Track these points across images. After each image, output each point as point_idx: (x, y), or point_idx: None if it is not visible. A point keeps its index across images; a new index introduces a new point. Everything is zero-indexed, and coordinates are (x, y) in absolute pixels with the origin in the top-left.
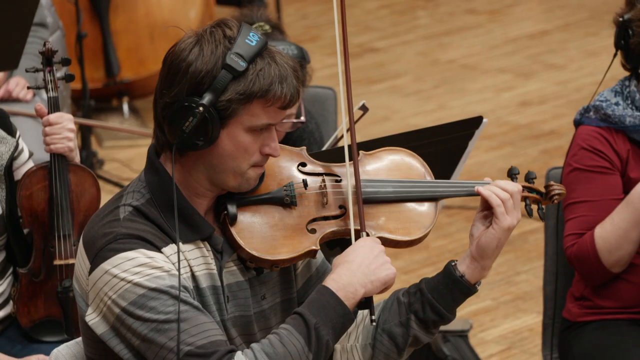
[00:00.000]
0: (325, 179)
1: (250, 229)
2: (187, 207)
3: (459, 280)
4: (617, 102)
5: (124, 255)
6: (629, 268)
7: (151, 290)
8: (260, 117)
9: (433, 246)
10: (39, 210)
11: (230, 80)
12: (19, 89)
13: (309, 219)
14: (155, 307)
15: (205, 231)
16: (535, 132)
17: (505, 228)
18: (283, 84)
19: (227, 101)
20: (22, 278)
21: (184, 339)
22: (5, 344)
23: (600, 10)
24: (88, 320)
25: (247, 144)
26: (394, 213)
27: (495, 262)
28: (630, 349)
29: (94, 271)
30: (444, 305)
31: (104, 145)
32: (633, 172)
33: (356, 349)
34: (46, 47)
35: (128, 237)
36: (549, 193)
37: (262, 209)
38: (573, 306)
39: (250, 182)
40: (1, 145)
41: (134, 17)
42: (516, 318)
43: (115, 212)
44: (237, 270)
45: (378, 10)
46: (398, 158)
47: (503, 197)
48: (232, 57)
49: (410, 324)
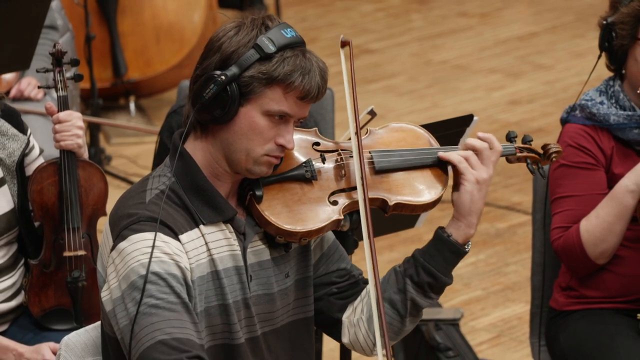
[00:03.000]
0: (341, 154)
1: (277, 206)
2: (210, 189)
3: (447, 240)
4: (602, 101)
5: (141, 235)
6: (613, 260)
7: (152, 273)
8: (279, 102)
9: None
10: (49, 204)
11: (257, 60)
12: (30, 88)
13: (330, 191)
14: (149, 290)
15: (228, 213)
16: (524, 130)
17: (474, 181)
18: (305, 76)
19: (249, 77)
20: (33, 269)
21: (164, 328)
22: (17, 332)
23: (586, 13)
24: (102, 296)
25: (262, 127)
26: (407, 180)
27: (485, 253)
28: (613, 337)
29: (114, 249)
30: (435, 265)
31: (111, 142)
32: (617, 168)
33: (362, 321)
34: (56, 49)
35: (149, 220)
36: (547, 152)
37: (285, 186)
38: (559, 296)
39: (262, 169)
40: (13, 142)
41: (140, 19)
42: (505, 307)
43: (142, 195)
44: (260, 250)
45: (374, 13)
46: (404, 129)
47: (464, 154)
48: (263, 39)
49: (407, 289)
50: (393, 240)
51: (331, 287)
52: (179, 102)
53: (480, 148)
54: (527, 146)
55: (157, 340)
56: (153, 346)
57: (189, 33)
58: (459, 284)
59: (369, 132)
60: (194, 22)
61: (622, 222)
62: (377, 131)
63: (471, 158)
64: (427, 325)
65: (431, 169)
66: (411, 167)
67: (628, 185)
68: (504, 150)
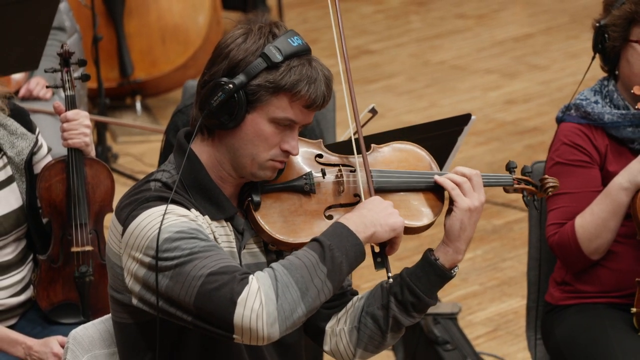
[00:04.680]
0: (342, 169)
1: (272, 214)
2: (214, 188)
3: (434, 263)
4: (596, 100)
5: (152, 209)
6: (607, 255)
7: (176, 232)
8: (285, 110)
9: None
10: (57, 201)
11: (264, 69)
12: (39, 88)
13: (327, 205)
14: (179, 246)
15: (229, 211)
16: (520, 129)
17: (465, 209)
18: (311, 85)
19: (256, 86)
20: (42, 264)
21: (207, 264)
22: (26, 325)
23: (580, 14)
24: (127, 283)
25: (267, 134)
26: (404, 202)
27: (482, 249)
28: (607, 330)
29: (125, 232)
30: (420, 287)
31: (118, 140)
32: (611, 166)
33: (344, 332)
34: (64, 49)
35: (157, 199)
36: (544, 186)
37: (283, 196)
38: (555, 291)
39: (267, 173)
40: (22, 140)
41: (146, 21)
42: (502, 302)
43: (146, 186)
44: (256, 251)
45: (373, 15)
46: (407, 151)
47: (458, 180)
48: (270, 48)
49: (390, 306)
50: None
51: None
52: (184, 101)
53: (469, 174)
54: (525, 178)
55: (207, 274)
56: (205, 281)
57: (193, 34)
58: (456, 279)
59: (373, 149)
60: (199, 24)
61: (616, 219)
62: (381, 150)
63: (464, 185)
64: (426, 320)
65: (428, 193)
66: (409, 189)
67: (622, 182)
68: (503, 181)
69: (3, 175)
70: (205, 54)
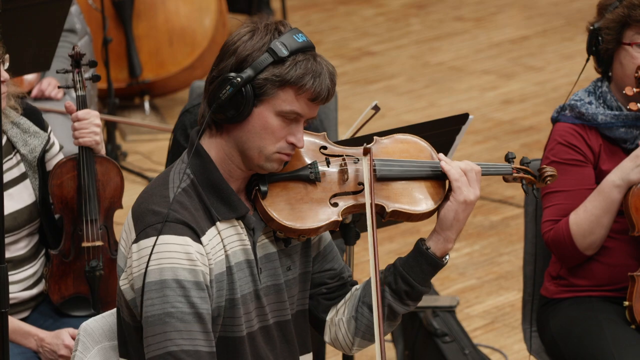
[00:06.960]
0: (346, 159)
1: (280, 203)
2: (226, 188)
3: (425, 252)
4: (590, 101)
5: (166, 237)
6: (601, 250)
7: (173, 280)
8: (291, 103)
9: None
10: (68, 197)
11: (270, 63)
12: (51, 88)
13: (332, 194)
14: (167, 296)
15: (242, 210)
16: (517, 128)
17: (461, 201)
18: (316, 79)
19: (263, 80)
20: (54, 259)
21: (174, 339)
22: (38, 318)
23: (575, 17)
24: (121, 284)
25: (274, 127)
26: (406, 190)
27: (480, 244)
28: (601, 323)
29: (136, 243)
30: (413, 276)
31: (127, 139)
32: (604, 165)
33: (342, 322)
34: (75, 51)
35: (175, 222)
36: (542, 175)
37: (290, 185)
38: (550, 284)
39: (274, 165)
40: (34, 139)
41: (154, 23)
42: (499, 295)
43: (165, 191)
44: (267, 243)
45: (375, 18)
46: (408, 142)
47: (462, 170)
48: (276, 43)
49: (385, 295)
50: (392, 232)
51: (321, 287)
52: (191, 101)
53: (465, 168)
54: (524, 167)
55: (167, 351)
56: (162, 356)
57: (200, 36)
58: (455, 273)
59: (375, 140)
60: (205, 26)
61: (609, 215)
62: (383, 141)
63: (465, 176)
64: (425, 312)
65: (430, 181)
66: (411, 177)
67: (615, 180)
68: (502, 170)
69: (17, 172)
70: (211, 55)
